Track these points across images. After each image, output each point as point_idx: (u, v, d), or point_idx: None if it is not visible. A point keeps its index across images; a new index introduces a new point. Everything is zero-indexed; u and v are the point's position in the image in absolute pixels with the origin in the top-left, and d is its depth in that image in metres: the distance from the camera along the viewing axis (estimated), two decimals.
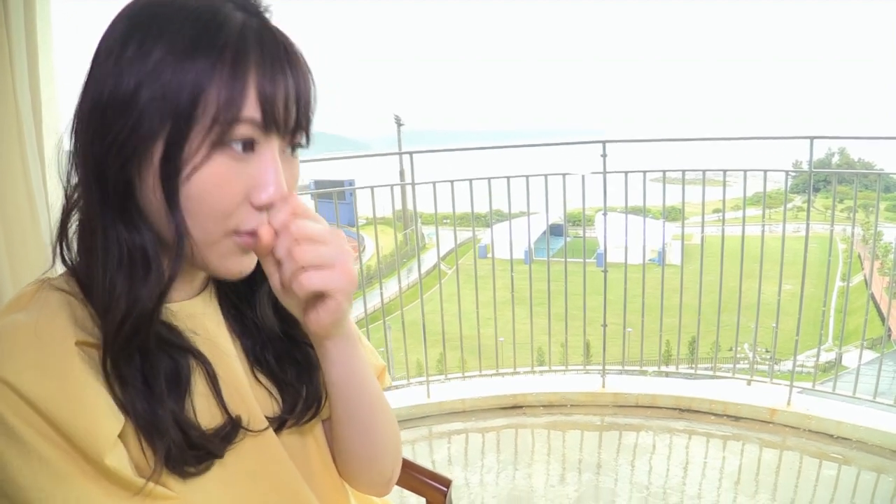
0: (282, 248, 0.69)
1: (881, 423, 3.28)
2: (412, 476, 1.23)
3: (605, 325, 3.89)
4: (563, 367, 4.17)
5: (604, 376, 3.88)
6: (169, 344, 0.71)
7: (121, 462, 0.63)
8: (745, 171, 3.71)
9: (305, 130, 0.72)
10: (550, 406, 3.79)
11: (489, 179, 3.82)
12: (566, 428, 3.63)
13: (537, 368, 4.16)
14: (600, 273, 3.92)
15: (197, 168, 0.64)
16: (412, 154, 3.85)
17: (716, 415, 3.60)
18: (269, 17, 0.70)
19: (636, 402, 3.76)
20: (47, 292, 0.69)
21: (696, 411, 3.65)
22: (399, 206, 4.86)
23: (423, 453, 3.46)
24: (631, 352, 4.10)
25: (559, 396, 3.82)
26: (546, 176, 3.80)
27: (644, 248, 3.90)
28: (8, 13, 1.69)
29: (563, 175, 3.79)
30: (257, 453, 0.77)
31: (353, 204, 4.15)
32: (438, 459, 3.39)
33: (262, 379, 0.83)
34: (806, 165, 3.51)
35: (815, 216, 3.64)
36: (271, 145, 0.68)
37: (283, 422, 0.82)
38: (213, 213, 0.66)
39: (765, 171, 3.67)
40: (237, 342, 0.82)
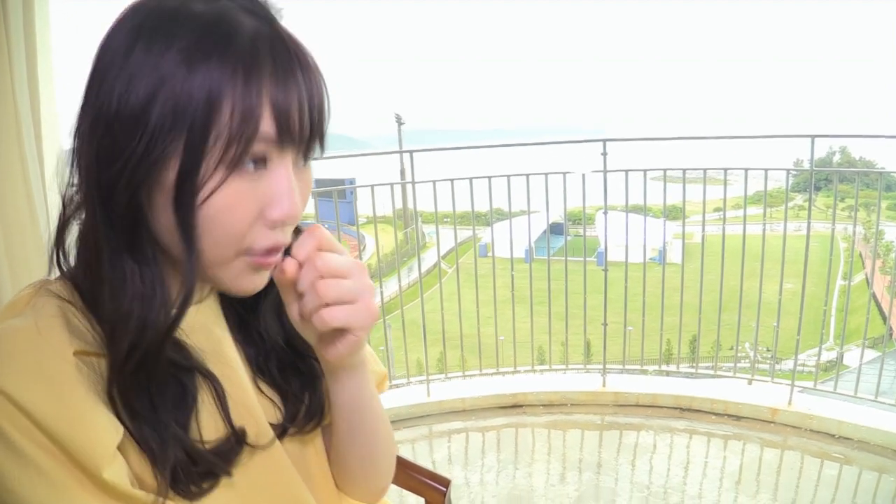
0: (305, 282, 0.68)
1: (883, 423, 3.27)
2: (411, 476, 1.23)
3: (605, 324, 3.88)
4: (564, 367, 4.16)
5: (604, 375, 3.88)
6: (176, 365, 0.70)
7: (119, 476, 0.62)
8: (747, 170, 3.70)
9: (320, 140, 0.69)
10: (551, 405, 3.79)
11: (489, 178, 3.81)
12: (566, 427, 3.63)
13: (538, 367, 4.16)
14: (601, 272, 3.92)
15: (213, 191, 0.61)
16: (412, 153, 3.85)
17: (717, 414, 3.59)
18: (280, 21, 0.66)
19: (637, 401, 3.75)
20: (44, 298, 0.67)
21: (696, 411, 3.64)
22: (399, 205, 4.85)
23: (423, 452, 3.46)
24: (631, 351, 4.09)
25: (559, 395, 3.81)
26: (546, 175, 3.80)
27: (645, 246, 3.89)
28: (7, 14, 1.68)
29: (564, 174, 3.78)
30: (263, 465, 0.76)
31: (354, 203, 4.14)
32: (438, 459, 3.38)
33: (265, 388, 0.82)
34: (807, 164, 3.50)
35: (817, 215, 3.63)
36: (285, 160, 0.65)
37: (285, 430, 0.81)
38: (227, 235, 0.64)
39: (766, 170, 3.66)
40: (240, 351, 0.81)
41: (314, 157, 0.71)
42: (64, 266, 0.70)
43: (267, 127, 0.62)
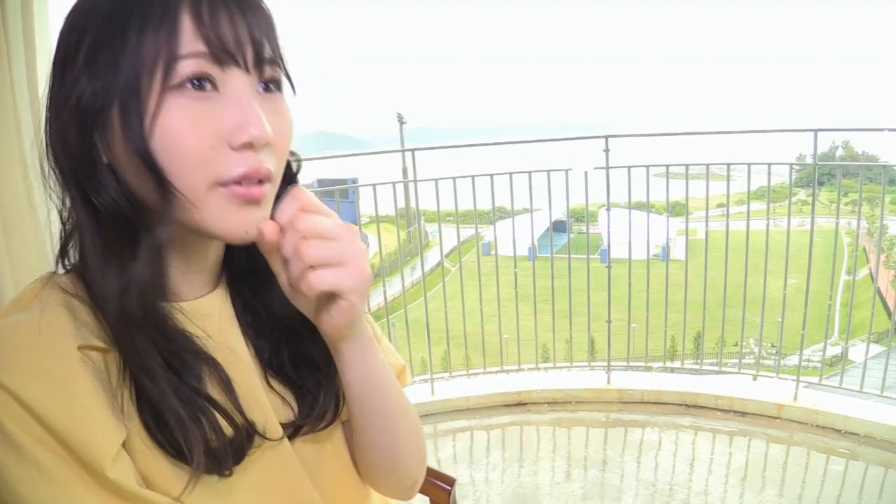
0: (288, 246, 0.65)
1: (889, 418, 3.26)
2: None
3: (609, 322, 3.88)
4: (568, 364, 4.16)
5: (609, 372, 3.87)
6: (179, 346, 0.68)
7: (125, 474, 0.60)
8: (749, 165, 3.69)
9: (276, 64, 0.67)
10: (555, 403, 3.78)
11: (492, 176, 3.81)
12: (571, 425, 3.62)
13: (542, 365, 4.16)
14: (604, 269, 3.91)
15: (155, 117, 0.60)
16: (414, 151, 3.84)
17: (722, 410, 3.58)
18: None
19: (641, 398, 3.74)
20: (51, 292, 0.66)
21: (701, 407, 3.63)
22: (402, 204, 4.84)
23: (428, 451, 3.42)
24: (636, 348, 4.08)
25: (564, 393, 3.81)
26: (549, 172, 3.79)
27: (648, 243, 3.88)
28: (6, 14, 1.68)
29: (566, 171, 3.78)
30: (271, 464, 0.74)
31: (356, 202, 4.14)
32: (443, 457, 3.38)
33: (276, 385, 0.79)
34: (810, 159, 3.49)
35: (820, 210, 3.62)
36: (234, 80, 0.63)
37: (297, 429, 0.78)
38: (186, 162, 0.61)
39: (769, 165, 3.66)
40: (250, 344, 0.79)
41: (276, 82, 0.68)
42: (69, 262, 0.70)
43: (192, 45, 0.61)
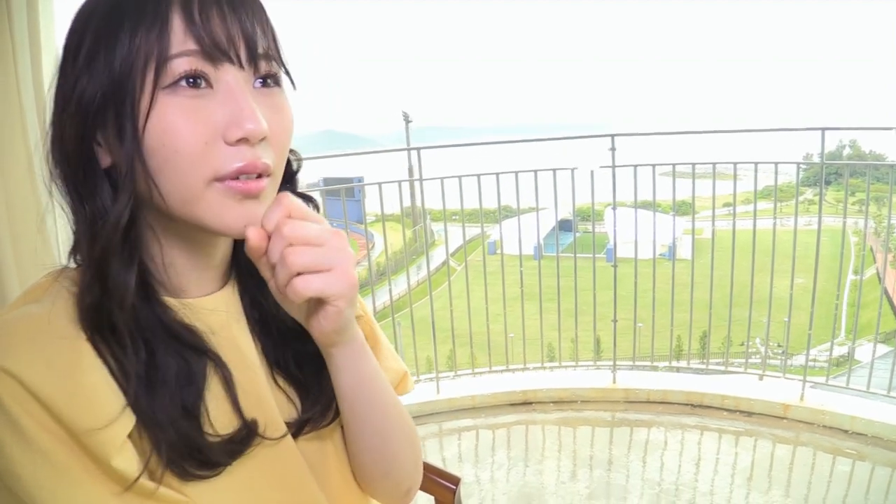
0: (274, 252, 0.64)
1: None
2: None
3: (615, 321, 3.87)
4: (574, 363, 4.15)
5: (614, 372, 3.87)
6: (181, 342, 0.69)
7: (129, 464, 0.61)
8: (756, 164, 3.67)
9: (272, 59, 0.67)
10: (561, 402, 3.78)
11: (497, 175, 3.80)
12: (577, 424, 3.62)
13: (547, 364, 4.15)
14: (610, 268, 3.90)
15: (149, 116, 0.61)
16: (420, 150, 3.84)
17: (728, 410, 3.57)
18: None
19: (647, 397, 3.74)
20: (61, 285, 0.67)
21: (707, 407, 3.62)
22: (408, 203, 4.85)
23: (434, 450, 3.45)
24: (642, 347, 4.08)
25: (570, 392, 3.80)
26: (554, 171, 3.79)
27: (654, 242, 3.88)
28: (11, 13, 1.68)
29: (572, 170, 3.77)
30: (274, 461, 0.74)
31: (362, 201, 4.14)
32: (449, 456, 3.38)
33: (282, 382, 0.80)
34: (817, 158, 3.48)
35: (827, 209, 3.60)
36: (228, 76, 0.63)
37: (301, 426, 0.79)
38: (182, 158, 0.62)
39: (776, 164, 3.64)
40: (257, 342, 0.79)
41: (274, 76, 0.68)
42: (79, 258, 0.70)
43: (183, 44, 0.61)
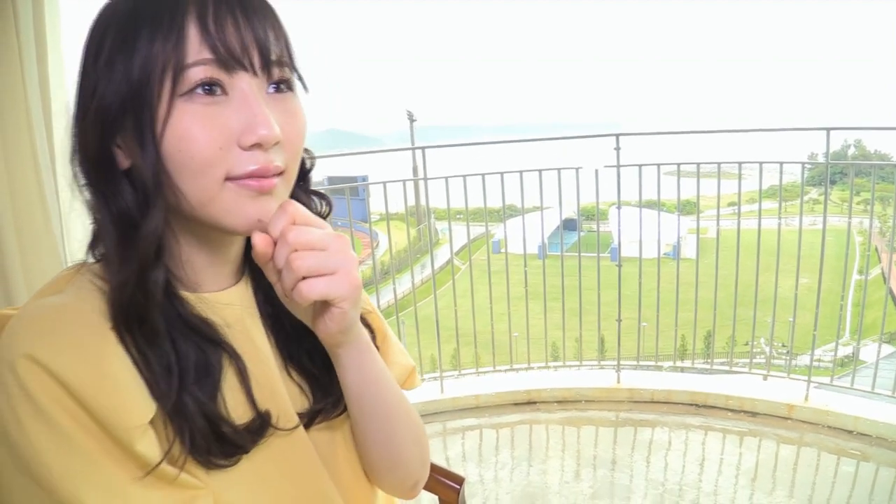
0: (280, 258, 0.67)
1: None
2: None
3: (619, 320, 3.87)
4: (578, 363, 4.15)
5: (619, 371, 3.86)
6: (199, 334, 0.71)
7: (151, 449, 0.63)
8: (761, 164, 3.67)
9: (285, 64, 0.70)
10: (565, 402, 3.78)
11: (502, 174, 3.80)
12: (581, 424, 3.62)
13: (551, 364, 4.15)
14: (614, 268, 3.91)
15: (166, 123, 0.63)
16: (424, 149, 3.84)
17: (732, 410, 3.57)
18: None
19: (651, 397, 3.73)
20: (84, 277, 0.70)
21: (712, 407, 3.61)
22: (412, 202, 4.84)
23: (437, 450, 3.45)
24: (646, 347, 4.07)
25: (574, 392, 3.80)
26: (559, 170, 3.78)
27: (659, 242, 3.87)
28: (17, 12, 1.69)
29: (577, 169, 3.77)
30: (286, 451, 0.77)
31: (367, 200, 4.15)
32: (452, 456, 3.38)
33: (294, 375, 0.82)
34: (821, 158, 3.47)
35: (832, 209, 3.60)
36: (242, 83, 0.66)
37: (313, 417, 0.81)
38: (197, 163, 0.64)
39: (781, 164, 3.63)
40: (271, 336, 0.82)
41: (286, 82, 0.71)
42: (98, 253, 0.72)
43: (198, 53, 0.64)
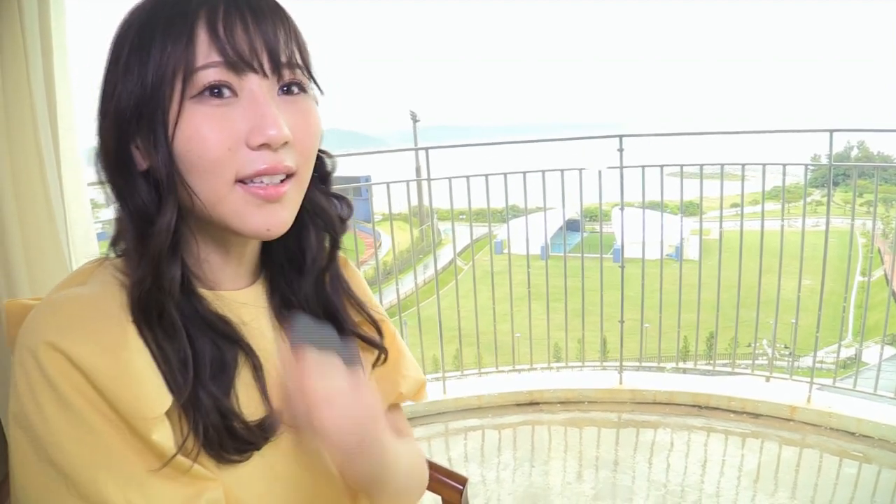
0: (299, 411, 0.69)
1: None
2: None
3: (622, 321, 3.87)
4: (580, 364, 4.15)
5: (621, 373, 3.86)
6: (216, 330, 0.73)
7: (166, 440, 0.64)
8: (764, 165, 3.67)
9: (296, 66, 0.71)
10: (567, 403, 3.78)
11: (505, 175, 3.81)
12: (583, 425, 3.62)
13: (554, 364, 4.15)
14: (617, 269, 3.90)
15: (178, 125, 0.65)
16: (428, 150, 3.84)
17: (734, 412, 3.57)
18: None
19: (654, 398, 3.73)
20: (105, 270, 0.71)
21: (714, 408, 3.61)
22: (415, 202, 4.84)
23: (439, 450, 3.46)
24: (648, 348, 4.07)
25: (576, 393, 3.80)
26: (562, 171, 3.78)
27: (661, 243, 3.87)
28: (23, 13, 1.69)
29: (580, 170, 3.77)
30: (296, 449, 0.78)
31: (370, 200, 4.15)
32: (454, 456, 3.38)
33: None
34: (824, 159, 3.47)
35: (835, 210, 3.59)
36: (251, 85, 0.67)
37: None
38: (207, 163, 0.66)
39: (784, 165, 3.63)
40: (284, 336, 0.83)
41: (299, 84, 0.72)
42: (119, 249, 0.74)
43: (208, 57, 0.65)
